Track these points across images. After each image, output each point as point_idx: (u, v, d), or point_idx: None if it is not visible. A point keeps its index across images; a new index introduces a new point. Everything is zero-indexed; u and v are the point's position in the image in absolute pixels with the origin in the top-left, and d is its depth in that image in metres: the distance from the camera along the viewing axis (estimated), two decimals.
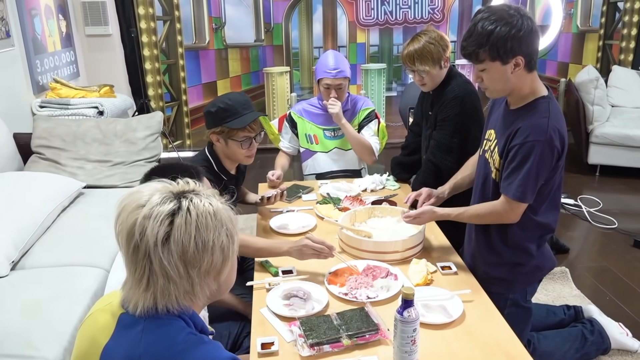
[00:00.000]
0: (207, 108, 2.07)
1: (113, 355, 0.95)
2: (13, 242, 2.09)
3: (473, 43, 1.59)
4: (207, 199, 0.97)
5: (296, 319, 1.51)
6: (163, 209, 0.92)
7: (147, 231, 0.91)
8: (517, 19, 1.55)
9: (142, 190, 0.96)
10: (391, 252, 1.87)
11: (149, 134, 3.14)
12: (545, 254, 1.84)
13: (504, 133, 1.69)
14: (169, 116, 4.99)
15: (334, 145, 2.78)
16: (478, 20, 1.59)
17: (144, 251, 0.91)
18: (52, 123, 3.11)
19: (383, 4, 5.34)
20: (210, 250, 0.95)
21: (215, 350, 0.97)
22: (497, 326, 1.51)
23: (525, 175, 1.61)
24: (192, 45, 5.23)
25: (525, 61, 1.59)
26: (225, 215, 0.98)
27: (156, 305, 0.94)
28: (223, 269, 0.99)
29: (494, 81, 1.64)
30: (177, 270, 0.92)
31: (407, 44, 2.25)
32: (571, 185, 4.11)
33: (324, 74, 2.63)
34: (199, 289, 0.97)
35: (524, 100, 1.67)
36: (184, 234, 0.92)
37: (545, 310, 2.20)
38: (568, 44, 5.48)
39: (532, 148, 1.59)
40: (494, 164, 1.74)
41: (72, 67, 4.35)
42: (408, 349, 1.33)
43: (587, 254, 3.17)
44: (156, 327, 0.95)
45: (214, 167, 2.11)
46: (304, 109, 2.82)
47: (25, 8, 3.56)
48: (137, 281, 0.94)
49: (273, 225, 2.16)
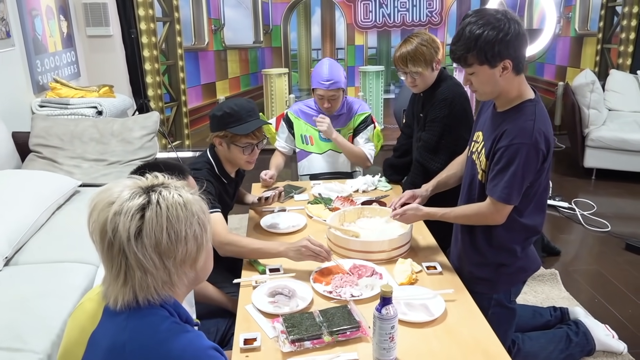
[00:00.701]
0: (212, 111, 2.09)
1: (99, 342, 0.98)
2: (7, 238, 2.14)
3: (461, 47, 1.62)
4: (176, 191, 0.99)
5: (279, 315, 1.54)
6: (133, 203, 0.94)
7: (119, 227, 0.93)
8: (504, 23, 1.56)
9: (111, 188, 0.98)
10: (377, 251, 1.90)
11: (145, 134, 3.18)
12: (530, 255, 1.86)
13: (491, 135, 1.72)
14: (168, 116, 5.03)
15: (328, 147, 2.81)
16: (466, 25, 1.61)
17: (118, 247, 0.94)
18: (50, 122, 3.15)
19: (381, 7, 5.36)
20: (184, 240, 0.97)
21: (197, 338, 1.00)
22: (477, 325, 1.53)
23: (511, 178, 1.63)
24: (192, 47, 5.27)
25: (513, 64, 1.61)
26: (196, 205, 1.01)
27: (136, 298, 0.97)
28: (198, 257, 1.02)
29: (482, 84, 1.66)
30: (153, 263, 0.95)
31: (400, 46, 2.28)
32: (566, 188, 4.13)
33: (317, 84, 2.65)
34: (176, 278, 1.00)
35: (511, 103, 1.69)
36: (156, 226, 0.94)
37: (532, 311, 2.22)
38: (566, 47, 5.50)
39: (517, 150, 1.61)
40: (480, 166, 1.77)
41: (73, 67, 4.40)
42: (386, 345, 1.36)
43: (579, 257, 3.19)
44: (141, 316, 0.98)
45: (215, 170, 2.12)
46: (300, 109, 2.85)
47: (26, 8, 3.61)
48: (114, 277, 0.97)
49: (263, 224, 2.19)
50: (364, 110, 2.82)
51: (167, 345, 0.95)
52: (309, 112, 2.82)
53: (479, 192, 1.79)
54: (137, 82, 4.63)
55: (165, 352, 0.94)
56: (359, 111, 2.81)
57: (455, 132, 2.23)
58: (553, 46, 5.50)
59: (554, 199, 3.80)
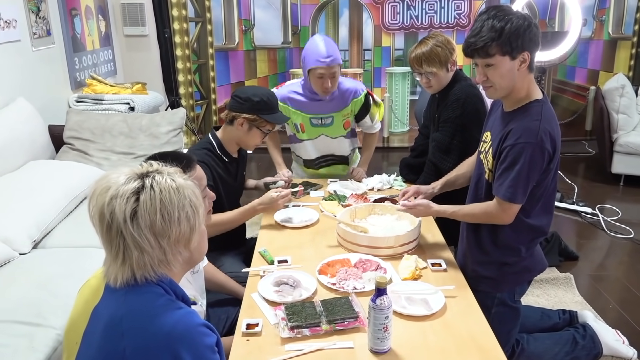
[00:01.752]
0: (247, 94, 2.24)
1: (100, 315, 1.08)
2: (36, 223, 2.30)
3: (484, 38, 1.61)
4: (170, 176, 1.08)
5: (282, 304, 1.60)
6: (128, 187, 1.03)
7: (116, 210, 1.01)
8: (521, 18, 1.61)
9: (109, 175, 1.07)
10: (384, 247, 1.94)
11: (171, 129, 3.30)
12: (535, 255, 1.87)
13: (498, 135, 1.74)
14: (198, 114, 5.17)
15: (320, 133, 2.73)
16: (486, 19, 1.63)
17: (116, 229, 1.02)
18: (84, 116, 3.31)
19: (409, 9, 5.38)
20: (177, 221, 1.05)
21: (189, 315, 1.07)
22: (475, 322, 1.55)
23: (516, 176, 1.65)
24: (222, 46, 5.40)
25: (531, 58, 1.64)
26: (188, 189, 1.09)
27: (134, 276, 1.05)
28: (192, 238, 1.10)
29: (500, 77, 1.65)
30: (149, 242, 1.03)
31: (415, 47, 2.32)
32: (593, 194, 4.05)
33: (316, 62, 2.44)
34: (171, 257, 1.08)
35: (519, 103, 1.71)
36: (150, 208, 1.02)
37: (540, 313, 2.22)
38: (599, 51, 5.39)
39: (522, 149, 1.63)
40: (487, 165, 1.79)
41: (110, 64, 4.58)
42: (380, 335, 1.40)
43: (597, 263, 3.14)
44: (138, 293, 1.06)
45: (216, 149, 2.27)
46: (288, 96, 2.67)
47: (66, 8, 3.80)
48: (114, 257, 1.05)
49: (277, 218, 2.26)
50: (361, 93, 2.66)
51: (159, 319, 1.02)
52: (297, 98, 2.65)
53: (485, 191, 1.81)
54: (170, 80, 4.78)
55: (158, 326, 1.02)
56: (357, 95, 2.65)
57: (467, 132, 2.25)
58: (585, 49, 5.40)
59: (577, 204, 3.74)
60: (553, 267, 2.89)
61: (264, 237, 2.13)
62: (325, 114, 2.66)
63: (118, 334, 1.02)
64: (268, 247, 2.01)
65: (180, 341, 1.01)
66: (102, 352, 1.03)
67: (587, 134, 5.51)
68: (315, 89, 2.55)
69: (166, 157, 1.56)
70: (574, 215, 3.69)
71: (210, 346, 1.07)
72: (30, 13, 3.31)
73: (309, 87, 2.58)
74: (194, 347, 1.03)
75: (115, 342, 1.02)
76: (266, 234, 2.16)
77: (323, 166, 2.85)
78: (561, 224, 3.58)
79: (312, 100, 2.63)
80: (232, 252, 2.39)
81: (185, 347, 1.02)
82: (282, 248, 2.02)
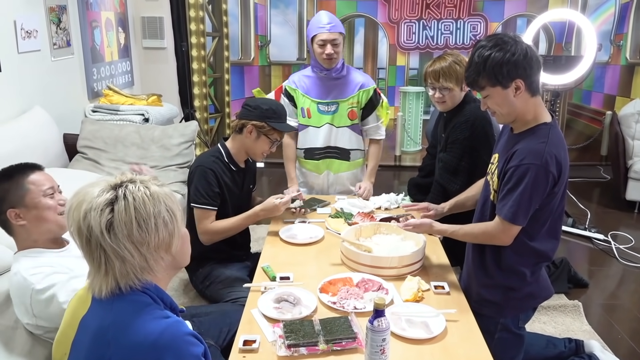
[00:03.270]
0: (256, 103, 2.31)
1: (89, 325, 1.09)
2: None
3: (472, 72, 1.67)
4: (143, 184, 1.08)
5: (280, 321, 1.60)
6: (101, 200, 1.04)
7: (92, 223, 1.02)
8: (511, 45, 1.61)
9: (82, 189, 1.08)
10: (387, 267, 1.93)
11: (183, 141, 3.34)
12: (540, 281, 1.84)
13: (504, 155, 1.74)
14: (211, 127, 5.22)
15: (326, 121, 2.76)
16: (476, 50, 1.67)
17: (95, 242, 1.03)
18: (98, 126, 3.36)
19: (425, 29, 5.41)
20: (154, 227, 1.06)
21: (176, 324, 1.08)
22: (475, 347, 1.53)
23: (518, 197, 1.64)
24: (238, 61, 5.48)
25: (526, 84, 1.64)
26: (163, 194, 1.10)
27: (118, 285, 1.06)
28: (172, 242, 1.11)
29: (498, 106, 1.69)
30: (129, 252, 1.04)
31: (433, 62, 2.33)
32: (606, 220, 3.99)
33: (317, 29, 2.59)
34: (153, 263, 1.08)
35: (527, 126, 1.71)
36: (125, 218, 1.03)
37: (546, 341, 2.17)
38: (616, 76, 5.35)
39: (526, 171, 1.62)
40: (492, 186, 1.79)
41: (128, 76, 4.66)
42: (377, 357, 1.39)
43: (607, 291, 3.07)
44: (125, 302, 1.07)
45: (224, 157, 2.33)
46: (298, 80, 2.78)
47: (87, 20, 3.88)
48: (96, 269, 1.06)
49: (282, 235, 2.26)
50: (370, 85, 2.75)
51: (145, 328, 1.03)
52: (306, 80, 2.77)
53: (490, 212, 1.80)
54: (185, 92, 4.84)
55: (144, 335, 1.02)
56: (364, 86, 2.73)
57: (475, 154, 2.24)
58: (601, 74, 5.36)
59: (590, 230, 3.69)
60: (561, 294, 2.84)
61: (268, 252, 2.13)
62: (330, 100, 2.72)
63: (104, 343, 1.02)
64: (271, 262, 2.01)
65: (166, 350, 1.02)
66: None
67: (602, 159, 5.45)
68: (319, 60, 2.66)
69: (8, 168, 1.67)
70: (585, 241, 3.63)
71: (196, 356, 1.07)
72: (51, 24, 3.39)
73: (315, 63, 2.70)
74: (181, 356, 1.03)
75: (101, 351, 1.02)
76: (270, 250, 2.16)
77: (323, 158, 2.83)
78: (572, 250, 3.53)
79: (320, 80, 2.72)
80: (236, 266, 2.40)
81: (172, 356, 1.02)
82: (285, 264, 2.02)
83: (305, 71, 2.82)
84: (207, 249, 2.31)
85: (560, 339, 2.20)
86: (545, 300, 1.90)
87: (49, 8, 3.35)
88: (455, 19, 5.35)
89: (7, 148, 2.65)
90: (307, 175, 2.91)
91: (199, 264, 2.38)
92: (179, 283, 2.77)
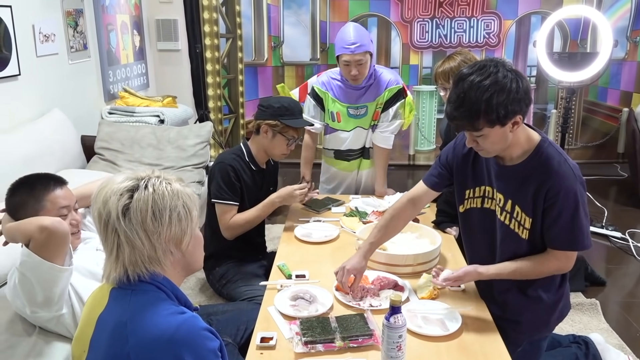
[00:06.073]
0: (269, 102, 2.32)
1: (107, 322, 1.11)
2: None
3: (467, 114, 1.48)
4: (166, 180, 1.12)
5: (297, 318, 1.61)
6: (123, 185, 1.08)
7: (110, 206, 1.07)
8: (511, 79, 1.46)
9: (110, 178, 1.13)
10: (403, 265, 1.94)
11: (198, 142, 3.37)
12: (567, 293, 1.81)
13: (521, 193, 1.60)
14: (226, 128, 5.25)
15: (356, 125, 2.76)
16: (467, 88, 1.47)
17: (112, 225, 1.07)
18: (114, 128, 3.41)
19: (438, 28, 5.39)
20: (168, 219, 1.09)
21: (192, 319, 1.10)
22: (491, 344, 1.54)
23: (580, 222, 1.57)
24: (251, 62, 5.51)
25: (524, 117, 1.54)
26: (183, 193, 1.13)
27: (127, 272, 1.09)
28: (183, 239, 1.13)
29: (493, 144, 1.54)
30: (140, 239, 1.07)
31: (442, 62, 2.32)
32: (623, 218, 3.94)
33: (342, 50, 2.52)
34: (161, 254, 1.11)
35: (525, 155, 1.60)
36: (142, 205, 1.07)
37: (550, 338, 2.15)
38: (632, 72, 5.27)
39: (575, 195, 1.55)
40: (519, 225, 1.64)
41: (143, 78, 4.72)
42: (394, 354, 1.40)
43: (626, 289, 3.04)
44: (142, 298, 1.09)
45: (245, 156, 2.35)
46: (329, 83, 2.72)
47: (103, 23, 3.94)
48: (109, 253, 1.10)
49: (297, 234, 2.28)
50: (397, 84, 2.69)
51: (163, 323, 1.05)
52: (336, 84, 2.72)
53: (526, 249, 1.66)
54: (200, 94, 4.88)
55: (161, 329, 1.04)
56: (390, 85, 2.67)
57: None
58: (617, 71, 5.30)
59: (607, 228, 3.65)
60: (578, 292, 2.81)
61: (284, 251, 2.15)
62: (360, 104, 2.70)
63: (123, 337, 1.05)
64: (287, 261, 2.03)
65: (183, 345, 1.04)
66: (108, 356, 1.07)
67: (619, 157, 5.38)
68: (345, 76, 2.63)
69: (33, 178, 1.70)
70: (602, 239, 3.59)
71: (213, 350, 1.09)
72: (69, 28, 3.45)
73: (343, 76, 2.67)
74: (197, 350, 1.05)
75: (120, 345, 1.05)
76: (286, 248, 2.18)
77: (354, 158, 2.87)
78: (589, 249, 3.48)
79: (348, 88, 2.69)
80: (252, 265, 2.42)
81: (188, 351, 1.04)
82: (300, 262, 2.03)
83: (333, 73, 2.74)
84: (224, 247, 2.34)
85: (564, 336, 2.15)
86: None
87: (66, 12, 3.40)
88: (468, 17, 5.32)
89: (27, 150, 2.70)
90: (337, 174, 2.93)
91: (216, 263, 2.41)
92: (195, 282, 2.80)
